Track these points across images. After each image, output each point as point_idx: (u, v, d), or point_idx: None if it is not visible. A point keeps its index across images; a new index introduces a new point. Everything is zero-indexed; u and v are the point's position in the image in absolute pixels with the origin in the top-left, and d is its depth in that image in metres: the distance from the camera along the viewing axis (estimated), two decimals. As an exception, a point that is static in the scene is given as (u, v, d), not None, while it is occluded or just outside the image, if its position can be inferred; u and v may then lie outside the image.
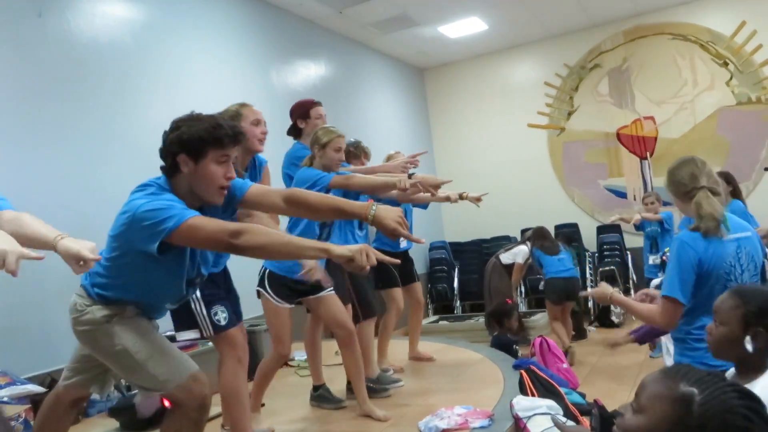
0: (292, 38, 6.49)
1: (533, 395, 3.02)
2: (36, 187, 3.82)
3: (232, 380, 2.55)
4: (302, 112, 3.68)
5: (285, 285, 3.00)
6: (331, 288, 3.08)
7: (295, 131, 3.71)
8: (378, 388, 3.54)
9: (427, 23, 7.29)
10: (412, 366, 4.35)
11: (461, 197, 4.02)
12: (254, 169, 2.99)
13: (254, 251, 1.81)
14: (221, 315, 2.52)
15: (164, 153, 1.99)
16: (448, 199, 3.93)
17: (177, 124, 1.98)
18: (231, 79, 5.58)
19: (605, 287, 2.37)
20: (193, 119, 1.97)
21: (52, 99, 4.02)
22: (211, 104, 5.26)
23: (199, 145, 1.92)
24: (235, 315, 2.65)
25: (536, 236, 6.04)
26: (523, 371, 3.23)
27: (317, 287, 3.04)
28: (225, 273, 2.78)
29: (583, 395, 3.59)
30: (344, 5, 6.44)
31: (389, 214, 1.91)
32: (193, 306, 2.51)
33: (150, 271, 1.97)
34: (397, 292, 4.21)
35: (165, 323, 2.43)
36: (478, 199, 3.99)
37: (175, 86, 4.97)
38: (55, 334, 2.74)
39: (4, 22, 3.79)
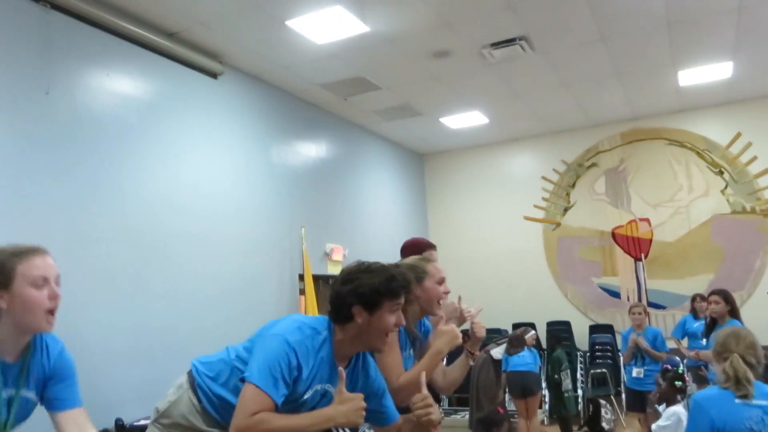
0: (295, 120, 6.57)
1: None
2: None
3: None
4: (416, 250, 3.36)
5: None
6: None
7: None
8: None
9: (429, 114, 7.43)
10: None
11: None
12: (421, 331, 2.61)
13: None
14: None
15: (339, 304, 1.95)
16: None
17: (350, 276, 1.96)
18: (232, 157, 5.61)
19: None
20: (365, 271, 1.96)
21: (49, 175, 4.00)
22: (211, 180, 5.31)
23: (374, 296, 1.91)
24: None
25: (508, 342, 6.12)
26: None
27: None
28: None
29: None
30: (349, 93, 6.57)
31: None
32: None
33: None
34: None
35: None
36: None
37: (176, 163, 4.97)
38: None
39: (12, 98, 3.81)
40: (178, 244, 4.85)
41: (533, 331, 6.26)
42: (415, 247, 3.47)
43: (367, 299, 1.91)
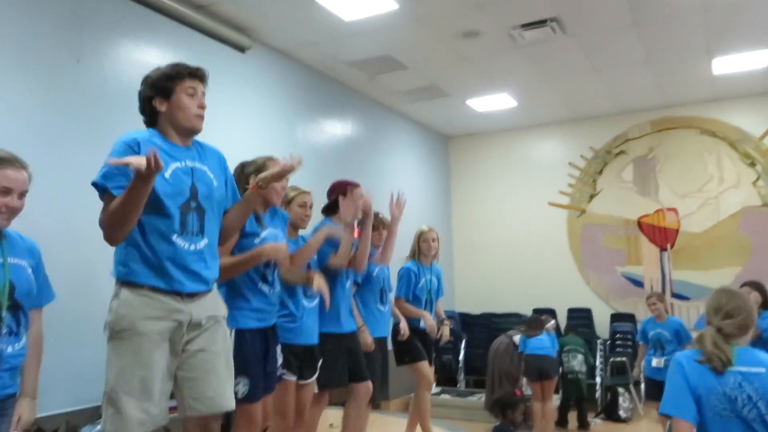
0: (321, 97, 6.58)
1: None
2: (51, 225, 3.82)
3: None
4: (342, 190, 3.57)
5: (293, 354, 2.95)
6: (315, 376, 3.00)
7: (330, 209, 3.61)
8: None
9: (456, 95, 7.37)
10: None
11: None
12: (278, 220, 2.98)
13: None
14: (242, 387, 2.49)
15: (142, 105, 2.21)
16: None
17: (143, 79, 2.23)
18: (257, 132, 5.64)
19: None
20: (155, 70, 2.23)
21: (77, 140, 4.07)
22: (236, 155, 5.32)
23: (165, 82, 2.17)
24: (266, 387, 2.63)
25: (526, 326, 6.14)
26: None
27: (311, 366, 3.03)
28: (272, 332, 2.74)
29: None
30: (376, 72, 6.54)
31: None
32: None
33: None
34: (424, 366, 4.13)
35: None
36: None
37: (204, 137, 5.00)
38: (43, 378, 2.68)
39: (44, 66, 3.88)
40: (202, 216, 4.91)
41: (553, 321, 6.26)
42: (340, 186, 3.61)
43: (160, 87, 2.16)
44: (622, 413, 6.62)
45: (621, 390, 6.74)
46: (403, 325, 4.10)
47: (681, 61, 6.44)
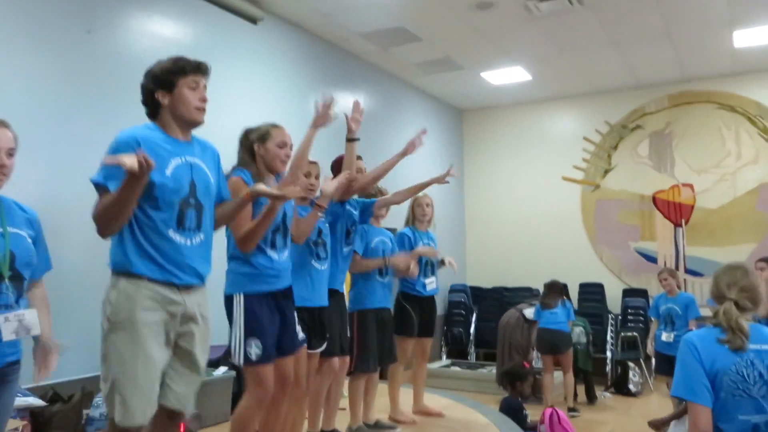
0: (334, 69, 6.54)
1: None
2: (64, 199, 3.87)
3: (243, 418, 2.57)
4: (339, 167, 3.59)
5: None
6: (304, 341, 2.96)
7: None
8: None
9: (471, 68, 7.29)
10: (419, 420, 4.26)
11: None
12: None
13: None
14: (254, 350, 2.51)
15: (145, 97, 2.21)
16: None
17: (146, 71, 2.23)
18: (271, 104, 5.63)
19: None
20: (157, 63, 2.21)
21: (90, 114, 4.09)
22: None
23: (167, 76, 2.16)
24: (280, 349, 2.63)
25: (543, 292, 6.18)
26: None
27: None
28: (285, 297, 2.73)
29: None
30: (390, 44, 6.48)
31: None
32: (232, 330, 2.54)
33: None
34: (409, 343, 4.15)
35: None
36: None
37: (214, 109, 4.97)
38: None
39: (55, 36, 3.89)
40: (214, 188, 4.94)
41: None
42: (339, 163, 3.62)
43: (163, 80, 2.15)
44: (632, 387, 6.64)
45: (631, 364, 6.75)
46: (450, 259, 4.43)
47: (701, 33, 6.31)
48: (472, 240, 9.03)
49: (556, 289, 6.05)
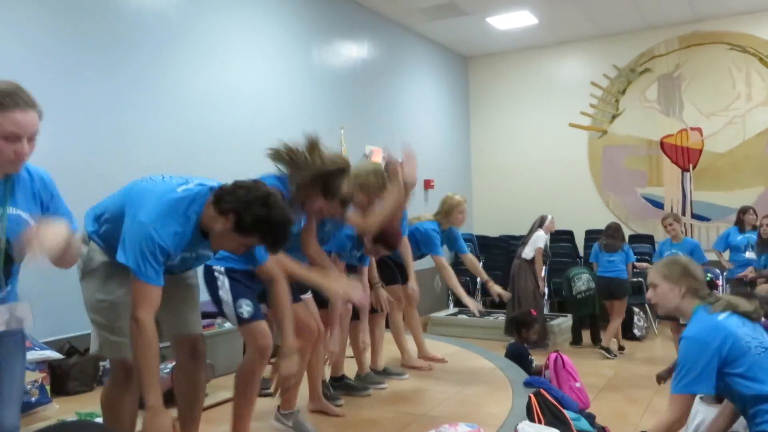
0: (337, 18, 6.42)
1: (540, 422, 2.98)
2: (70, 155, 3.88)
3: (248, 371, 2.67)
4: None
5: None
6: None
7: None
8: (359, 386, 3.71)
9: (476, 13, 7.13)
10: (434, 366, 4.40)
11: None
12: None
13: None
14: (245, 308, 2.61)
15: (225, 201, 2.07)
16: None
17: (251, 199, 2.08)
18: (272, 56, 5.56)
19: None
20: (265, 204, 2.04)
21: (92, 69, 4.06)
22: (252, 80, 5.31)
23: (248, 228, 2.06)
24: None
25: (604, 232, 6.38)
26: (532, 395, 3.19)
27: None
28: None
29: (592, 417, 3.54)
30: (392, -11, 6.33)
31: None
32: (222, 296, 2.64)
33: None
34: (397, 290, 4.22)
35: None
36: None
37: (216, 61, 4.97)
38: (76, 300, 2.81)
39: (50, -10, 3.82)
40: (219, 143, 4.94)
41: (551, 216, 6.57)
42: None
43: (243, 226, 2.02)
44: (636, 332, 6.74)
45: (636, 309, 6.83)
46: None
47: (713, -29, 6.12)
48: (478, 189, 9.01)
49: (620, 234, 6.27)
